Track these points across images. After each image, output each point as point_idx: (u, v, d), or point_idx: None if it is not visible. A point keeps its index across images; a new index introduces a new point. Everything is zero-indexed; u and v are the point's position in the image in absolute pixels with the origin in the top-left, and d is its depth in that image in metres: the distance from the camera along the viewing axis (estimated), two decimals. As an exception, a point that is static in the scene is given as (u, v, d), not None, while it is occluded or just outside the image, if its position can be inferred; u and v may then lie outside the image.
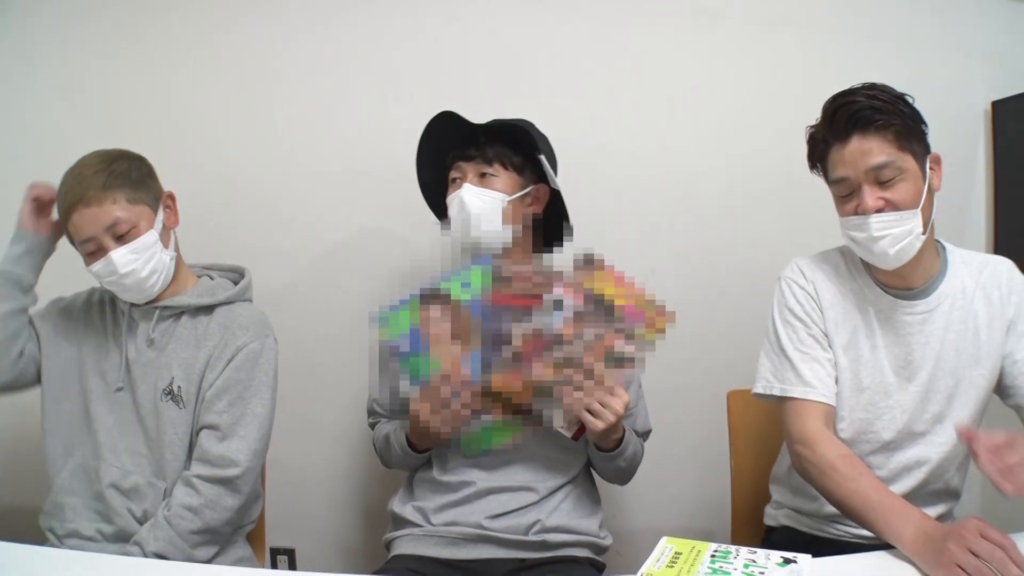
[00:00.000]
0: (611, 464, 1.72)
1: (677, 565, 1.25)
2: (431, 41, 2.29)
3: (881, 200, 1.47)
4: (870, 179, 1.48)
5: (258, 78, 2.30)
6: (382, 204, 2.28)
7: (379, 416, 1.84)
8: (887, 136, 1.47)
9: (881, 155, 1.46)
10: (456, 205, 1.72)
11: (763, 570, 1.23)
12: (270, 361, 1.70)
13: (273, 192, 2.31)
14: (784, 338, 1.62)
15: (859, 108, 1.47)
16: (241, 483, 1.62)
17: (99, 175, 1.60)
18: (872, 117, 1.46)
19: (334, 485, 2.38)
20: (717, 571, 1.23)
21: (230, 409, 1.64)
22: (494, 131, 1.74)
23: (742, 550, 1.31)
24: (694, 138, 2.32)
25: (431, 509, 1.70)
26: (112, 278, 1.61)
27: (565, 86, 2.29)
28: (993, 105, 2.30)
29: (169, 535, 1.55)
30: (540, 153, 1.73)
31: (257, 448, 1.66)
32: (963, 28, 2.32)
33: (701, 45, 2.31)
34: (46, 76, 2.30)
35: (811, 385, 1.58)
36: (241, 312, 1.73)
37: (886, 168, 1.46)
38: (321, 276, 2.33)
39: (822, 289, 1.63)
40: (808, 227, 2.21)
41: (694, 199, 2.31)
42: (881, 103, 1.47)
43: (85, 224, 1.59)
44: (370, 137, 2.28)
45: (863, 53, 2.28)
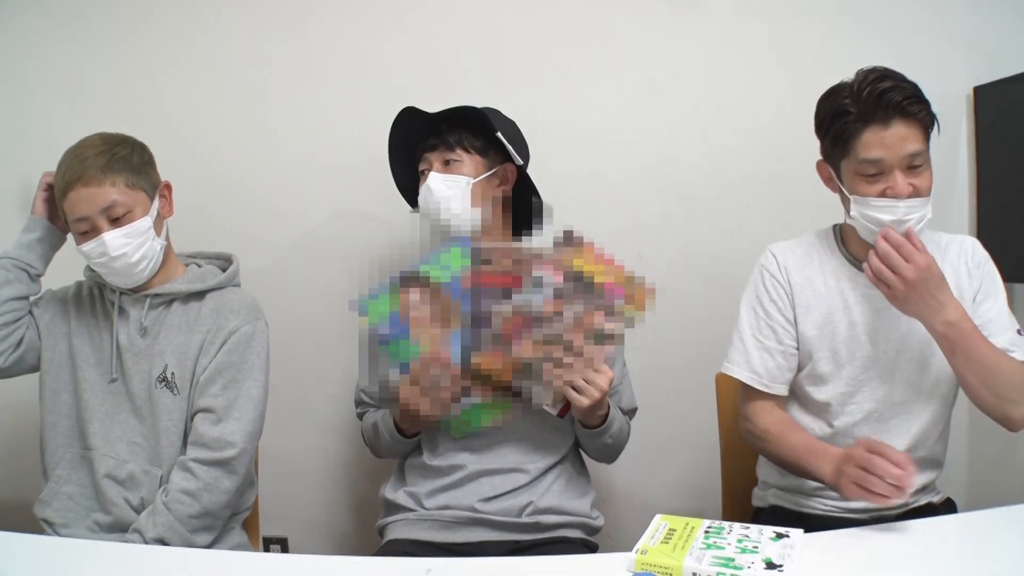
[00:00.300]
0: (597, 441, 1.74)
1: (672, 541, 1.27)
2: (416, 31, 2.29)
3: (911, 186, 1.53)
4: (904, 165, 1.53)
5: (243, 69, 2.30)
6: (369, 191, 2.26)
7: (367, 406, 1.85)
8: (920, 127, 1.53)
9: (917, 144, 1.52)
10: (424, 193, 1.76)
11: (756, 544, 1.26)
12: (262, 344, 1.71)
13: (258, 181, 2.31)
14: (745, 324, 1.73)
15: (907, 96, 1.52)
16: (238, 464, 1.63)
17: (101, 156, 1.61)
18: (914, 108, 1.52)
19: (325, 473, 2.39)
20: (711, 546, 1.25)
21: (224, 392, 1.65)
22: (454, 118, 1.77)
23: (735, 526, 1.33)
24: (678, 124, 2.32)
25: (423, 494, 1.71)
26: (102, 259, 1.61)
27: (549, 73, 2.29)
28: (975, 91, 2.31)
29: (168, 520, 1.55)
30: (496, 131, 1.75)
31: (252, 430, 1.67)
32: (945, 13, 2.33)
33: (684, 31, 2.31)
34: (37, 68, 2.29)
35: (757, 374, 1.70)
36: (232, 297, 1.74)
37: (919, 156, 1.53)
38: (307, 265, 2.33)
39: (794, 273, 1.70)
40: (793, 211, 2.24)
41: (680, 184, 2.32)
42: (917, 94, 1.54)
43: (82, 203, 1.59)
44: (353, 125, 2.28)
45: (844, 39, 2.29)
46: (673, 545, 1.25)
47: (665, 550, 1.24)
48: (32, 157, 2.24)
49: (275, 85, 2.30)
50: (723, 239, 2.30)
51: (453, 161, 1.76)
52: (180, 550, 1.51)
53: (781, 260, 1.72)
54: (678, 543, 1.26)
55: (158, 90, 2.28)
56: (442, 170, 1.76)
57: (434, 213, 1.75)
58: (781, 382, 1.70)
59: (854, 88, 1.56)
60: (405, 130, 1.83)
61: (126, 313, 1.70)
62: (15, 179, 2.22)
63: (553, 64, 2.30)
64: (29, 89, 2.31)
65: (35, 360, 1.72)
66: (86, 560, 1.37)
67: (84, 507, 1.66)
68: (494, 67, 2.29)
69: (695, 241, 2.32)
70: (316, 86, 2.30)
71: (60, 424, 1.70)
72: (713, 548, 1.25)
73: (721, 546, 1.26)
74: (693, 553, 1.23)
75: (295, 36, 2.29)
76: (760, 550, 1.24)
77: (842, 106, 1.56)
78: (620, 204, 2.31)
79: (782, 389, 1.70)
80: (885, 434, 1.62)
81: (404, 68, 2.28)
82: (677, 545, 1.25)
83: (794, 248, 1.73)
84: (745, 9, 2.32)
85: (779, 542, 1.27)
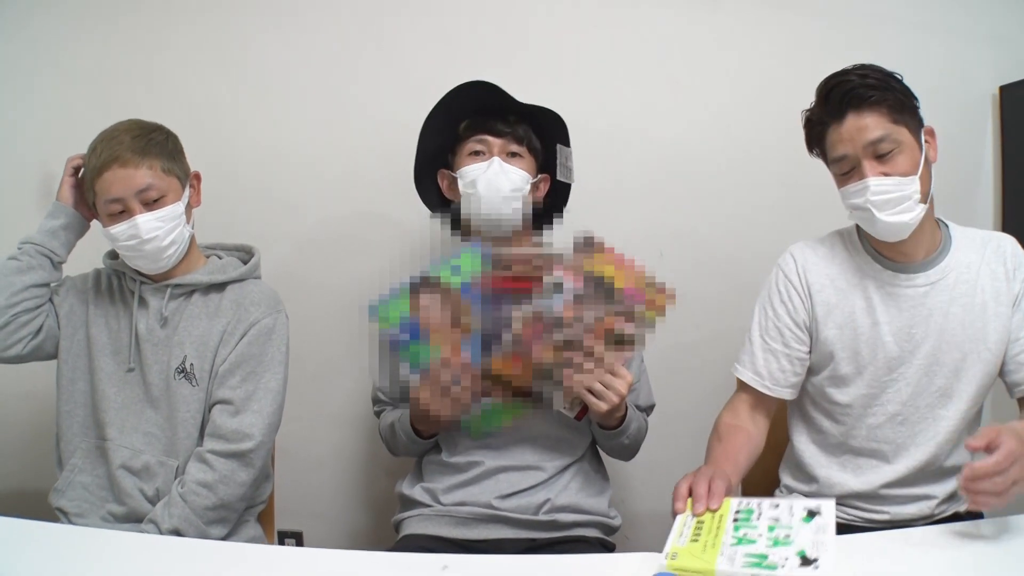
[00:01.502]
0: (615, 442, 1.73)
1: (701, 538, 1.24)
2: (435, 28, 2.29)
3: (881, 173, 1.50)
4: (868, 154, 1.51)
5: (258, 64, 2.30)
6: (387, 189, 2.27)
7: (384, 404, 1.84)
8: (881, 111, 1.50)
9: (877, 129, 1.50)
10: (483, 178, 1.69)
11: (788, 531, 1.23)
12: (282, 336, 1.71)
13: (277, 175, 2.31)
14: (755, 324, 1.71)
15: (852, 86, 1.51)
16: (254, 456, 1.63)
17: (138, 140, 1.61)
18: (865, 94, 1.50)
19: (341, 468, 2.39)
20: (743, 540, 1.22)
21: (243, 384, 1.65)
22: (524, 112, 1.74)
23: (764, 506, 1.30)
24: (699, 121, 2.31)
25: (440, 490, 1.70)
26: (132, 242, 1.61)
27: (567, 71, 2.28)
28: (1001, 90, 2.29)
29: (184, 512, 1.55)
30: (567, 145, 1.75)
31: (270, 422, 1.66)
32: (970, 13, 2.31)
33: (706, 28, 2.30)
34: (57, 61, 2.30)
35: (760, 375, 1.68)
36: (253, 289, 1.73)
37: (883, 142, 1.50)
38: (326, 262, 2.33)
39: (813, 273, 1.66)
40: (815, 208, 2.21)
41: (701, 182, 2.30)
42: (873, 80, 1.51)
43: (117, 184, 1.59)
44: (371, 120, 2.28)
45: (869, 37, 2.27)
46: (703, 544, 1.23)
47: (695, 551, 1.21)
48: (52, 150, 2.26)
49: (294, 80, 2.30)
50: (744, 238, 2.29)
51: (516, 155, 1.73)
52: (195, 542, 1.50)
53: (800, 260, 1.68)
54: (708, 540, 1.23)
55: (176, 84, 2.29)
56: (506, 160, 1.72)
57: (486, 202, 1.69)
58: (784, 385, 1.67)
59: (819, 92, 1.58)
60: (461, 102, 1.76)
61: (146, 303, 1.69)
62: (36, 170, 2.23)
63: (572, 62, 2.29)
64: (49, 82, 2.32)
65: (53, 348, 1.71)
66: (101, 550, 1.38)
67: (99, 497, 1.66)
68: (513, 64, 2.27)
69: (716, 239, 2.30)
70: (335, 82, 2.29)
71: (76, 413, 1.70)
72: (744, 543, 1.21)
73: (752, 539, 1.22)
74: (724, 552, 1.20)
75: (311, 32, 2.29)
76: (793, 540, 1.20)
77: (811, 114, 1.60)
78: (640, 202, 2.29)
79: (786, 393, 1.67)
80: (910, 439, 1.59)
81: (423, 65, 2.27)
82: (707, 543, 1.23)
83: (816, 247, 1.70)
84: (767, 6, 2.30)
85: (811, 522, 1.24)
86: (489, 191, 1.68)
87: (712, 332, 2.28)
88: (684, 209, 2.31)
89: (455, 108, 1.76)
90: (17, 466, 2.29)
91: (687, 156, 2.30)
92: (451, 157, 1.79)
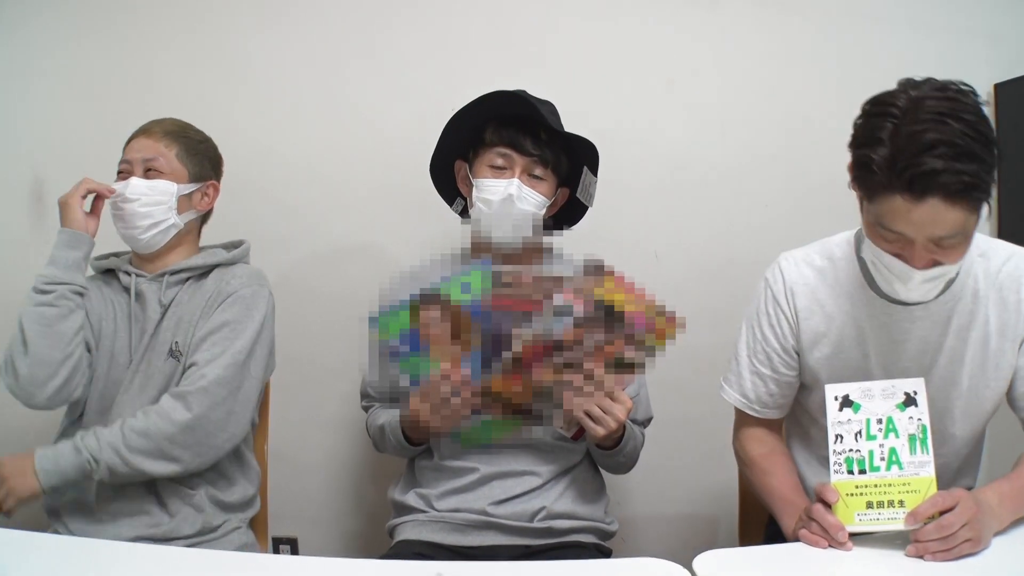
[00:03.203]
0: (610, 460, 1.71)
1: None
2: (431, 29, 2.28)
3: (932, 261, 1.28)
4: (930, 245, 1.26)
5: (260, 69, 2.30)
6: (384, 195, 2.28)
7: (373, 400, 1.82)
8: (965, 207, 1.21)
9: (953, 227, 1.22)
10: (499, 200, 1.67)
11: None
12: (260, 307, 1.69)
13: (274, 183, 2.30)
14: (742, 344, 1.63)
15: (949, 179, 1.18)
16: (193, 401, 1.58)
17: (174, 125, 1.74)
18: (958, 189, 1.18)
19: (335, 474, 2.38)
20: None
21: (212, 348, 1.63)
22: (555, 133, 1.71)
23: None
24: (696, 122, 2.31)
25: (434, 496, 1.69)
26: (118, 199, 1.67)
27: (565, 71, 2.28)
28: (995, 87, 2.28)
29: (111, 438, 1.53)
30: (595, 173, 1.77)
31: (224, 375, 1.61)
32: (965, 10, 2.31)
33: (702, 28, 2.30)
34: (48, 65, 2.29)
35: (748, 399, 1.62)
36: (236, 270, 1.74)
37: (953, 239, 1.25)
38: (321, 266, 2.32)
39: (801, 297, 1.53)
40: (811, 211, 2.21)
41: (697, 183, 2.30)
42: (977, 165, 1.18)
43: (133, 148, 1.71)
44: (370, 126, 2.28)
45: (864, 35, 2.27)
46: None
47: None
48: (43, 153, 2.26)
49: (291, 84, 2.29)
50: (740, 239, 2.28)
51: (538, 178, 1.71)
52: (183, 550, 1.49)
53: (788, 281, 1.54)
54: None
55: (172, 89, 2.28)
56: (527, 182, 1.69)
57: (498, 219, 1.68)
58: (773, 407, 1.62)
59: (887, 140, 1.22)
60: (498, 105, 1.70)
61: (143, 297, 1.70)
62: (27, 175, 2.22)
63: (569, 62, 2.29)
64: (40, 86, 2.31)
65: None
66: (90, 559, 1.35)
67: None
68: (510, 65, 2.27)
69: (712, 241, 2.30)
70: (332, 86, 2.29)
71: (90, 421, 1.67)
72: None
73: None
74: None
75: (312, 36, 2.29)
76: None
77: (870, 158, 1.24)
78: (636, 203, 2.29)
79: (774, 414, 1.63)
80: None
81: (419, 67, 2.27)
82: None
83: (806, 264, 1.55)
84: (763, 6, 2.30)
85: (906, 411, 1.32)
86: (501, 216, 1.68)
87: (707, 336, 2.25)
88: (680, 212, 2.31)
89: (486, 110, 1.72)
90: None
91: (683, 159, 2.30)
92: (472, 154, 1.76)
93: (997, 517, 1.30)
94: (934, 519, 1.24)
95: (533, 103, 1.68)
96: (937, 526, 1.23)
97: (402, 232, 2.28)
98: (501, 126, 1.70)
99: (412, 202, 2.12)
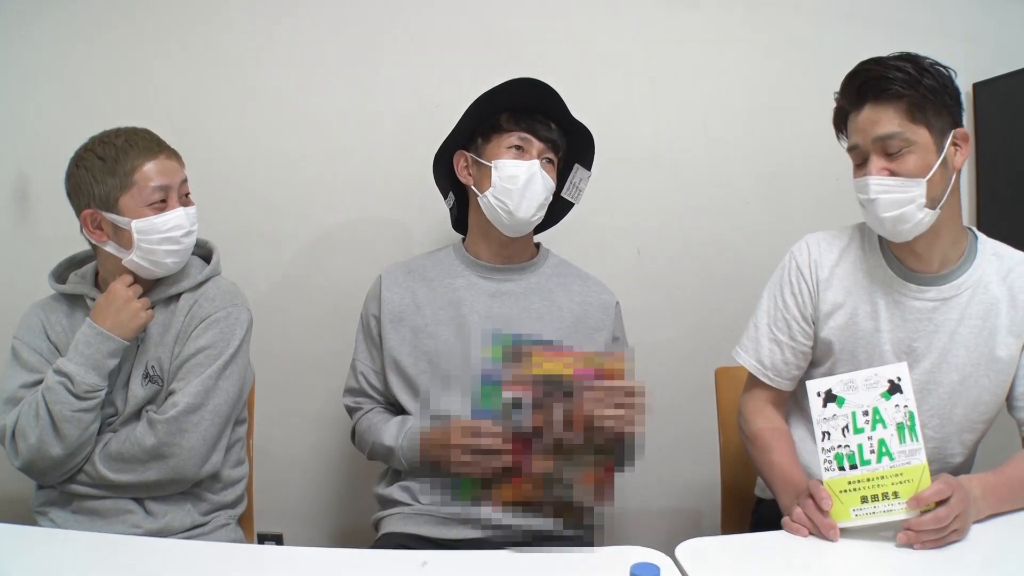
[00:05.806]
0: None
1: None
2: (416, 27, 2.28)
3: (885, 171, 1.44)
4: (877, 149, 1.45)
5: (245, 64, 2.28)
6: (367, 190, 2.27)
7: (364, 398, 1.82)
8: (899, 106, 1.42)
9: (890, 125, 1.43)
10: (525, 178, 1.70)
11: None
12: (236, 332, 1.66)
13: (258, 179, 2.29)
14: (762, 312, 1.68)
15: (873, 76, 1.45)
16: (161, 429, 1.56)
17: (165, 143, 1.63)
18: (886, 86, 1.43)
19: (320, 469, 2.38)
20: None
21: (187, 375, 1.61)
22: (564, 124, 1.77)
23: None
24: (677, 120, 2.32)
25: (419, 489, 1.69)
26: (175, 233, 1.59)
27: (548, 68, 2.26)
28: (974, 87, 2.31)
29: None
30: (589, 168, 1.81)
31: (195, 403, 1.59)
32: (943, 10, 2.34)
33: (683, 28, 2.32)
34: (31, 62, 2.27)
35: (763, 364, 1.66)
36: (209, 286, 1.70)
37: (893, 139, 1.43)
38: (306, 263, 2.32)
39: (824, 268, 1.61)
40: (793, 207, 2.24)
41: (678, 180, 2.31)
42: (903, 74, 1.42)
43: (167, 171, 1.60)
44: (354, 123, 2.28)
45: (842, 35, 2.30)
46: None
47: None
48: (26, 152, 2.24)
49: (274, 80, 2.28)
50: (722, 235, 2.30)
51: (551, 163, 1.76)
52: (175, 541, 1.49)
53: (814, 253, 1.63)
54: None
55: (155, 85, 2.26)
56: (546, 167, 1.74)
57: (519, 200, 1.70)
58: (786, 377, 1.65)
59: (846, 76, 1.52)
60: (514, 94, 1.75)
61: None
62: (10, 174, 2.21)
63: (552, 61, 2.27)
64: (23, 83, 2.28)
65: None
66: (79, 550, 1.36)
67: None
68: (493, 64, 2.24)
69: (694, 237, 2.32)
70: (321, 84, 2.28)
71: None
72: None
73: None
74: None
75: (296, 31, 2.28)
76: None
77: (839, 97, 1.54)
78: (618, 200, 2.30)
79: (786, 384, 1.66)
80: None
81: (405, 64, 2.27)
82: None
83: (832, 241, 1.64)
84: (743, 6, 2.32)
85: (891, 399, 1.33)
86: (528, 193, 1.71)
87: (689, 328, 2.29)
88: (661, 209, 2.32)
89: (501, 99, 1.76)
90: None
91: (665, 157, 2.31)
92: (479, 142, 1.78)
93: (977, 508, 1.34)
94: (930, 509, 1.28)
95: (552, 89, 1.75)
96: (934, 517, 1.27)
97: (386, 228, 2.28)
98: (517, 113, 1.74)
99: (396, 198, 2.11)
